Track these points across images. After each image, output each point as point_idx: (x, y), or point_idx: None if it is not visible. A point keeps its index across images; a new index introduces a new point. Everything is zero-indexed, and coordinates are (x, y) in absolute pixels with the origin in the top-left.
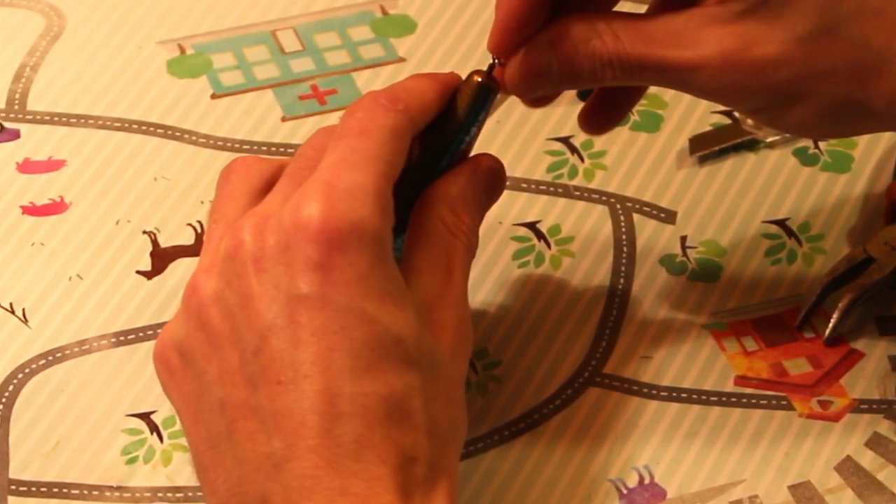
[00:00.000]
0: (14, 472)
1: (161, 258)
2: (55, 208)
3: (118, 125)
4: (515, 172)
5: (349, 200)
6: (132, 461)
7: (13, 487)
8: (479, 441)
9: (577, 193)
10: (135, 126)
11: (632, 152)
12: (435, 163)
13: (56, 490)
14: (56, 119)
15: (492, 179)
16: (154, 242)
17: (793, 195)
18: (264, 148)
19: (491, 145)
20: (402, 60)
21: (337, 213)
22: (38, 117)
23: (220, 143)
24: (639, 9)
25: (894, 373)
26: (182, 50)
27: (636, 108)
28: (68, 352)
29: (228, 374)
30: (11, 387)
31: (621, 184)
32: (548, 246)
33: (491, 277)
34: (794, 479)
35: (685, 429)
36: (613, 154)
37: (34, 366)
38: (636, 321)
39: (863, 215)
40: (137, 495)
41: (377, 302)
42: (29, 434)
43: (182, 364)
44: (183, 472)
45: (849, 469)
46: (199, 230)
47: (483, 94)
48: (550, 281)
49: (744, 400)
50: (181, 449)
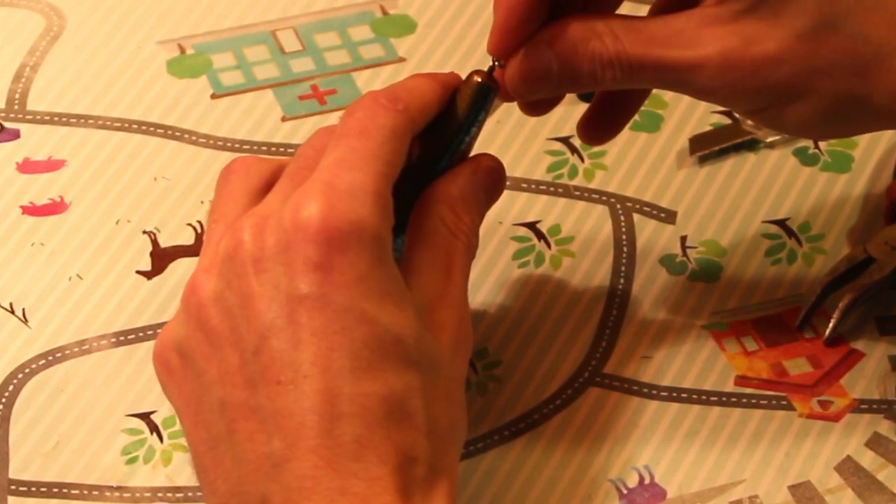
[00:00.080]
0: (14, 472)
1: (161, 258)
2: (55, 208)
3: (118, 125)
4: (515, 172)
5: (349, 200)
6: (132, 461)
7: (13, 487)
8: (479, 441)
9: (578, 193)
10: (135, 126)
11: (632, 152)
12: (435, 163)
13: (56, 490)
14: (56, 119)
15: (492, 179)
16: (154, 242)
17: (793, 195)
18: (264, 148)
19: (491, 145)
20: (402, 60)
21: (337, 213)
22: (38, 117)
23: (220, 143)
24: (639, 9)
25: (894, 373)
26: (182, 50)
27: None
28: (68, 352)
29: (228, 375)
30: (11, 387)
31: (621, 184)
32: (548, 246)
33: (491, 277)
34: (795, 480)
35: (685, 429)
36: (613, 154)
37: (34, 366)
38: (636, 321)
39: (863, 215)
40: (137, 495)
41: (377, 302)
42: (29, 434)
43: (182, 364)
44: (183, 473)
45: (849, 469)
46: (199, 230)
47: (483, 95)
48: (550, 281)
49: (744, 400)
50: (181, 449)
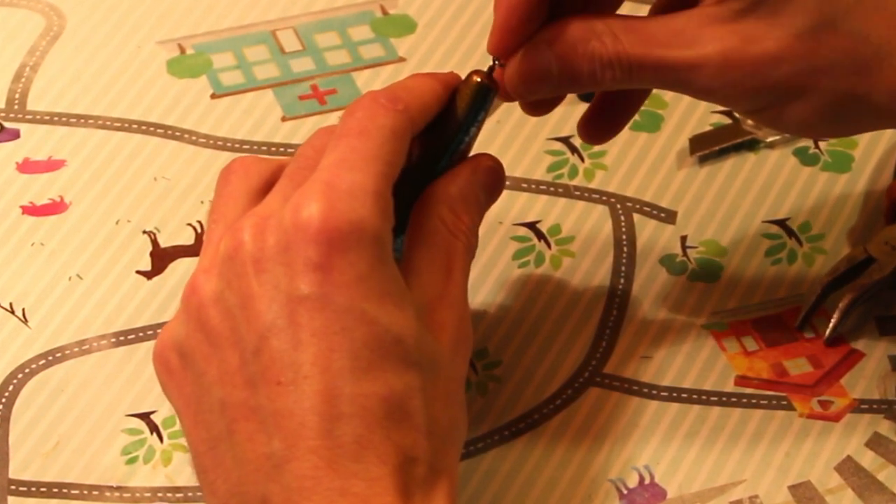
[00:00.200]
0: (14, 472)
1: (161, 258)
2: (55, 208)
3: (118, 125)
4: (515, 172)
5: (349, 200)
6: (132, 461)
7: (13, 487)
8: (480, 441)
9: (578, 193)
10: (135, 126)
11: (632, 152)
12: (434, 163)
13: (56, 490)
14: (56, 119)
15: (491, 179)
16: (154, 242)
17: (793, 195)
18: (264, 148)
19: (491, 145)
20: (402, 60)
21: (337, 214)
22: (38, 117)
23: (220, 143)
24: (639, 9)
25: (894, 373)
26: (182, 50)
27: None
28: (68, 352)
29: (228, 375)
30: (11, 387)
31: (621, 184)
32: (548, 246)
33: (491, 277)
34: (795, 480)
35: (685, 429)
36: (613, 154)
37: (34, 366)
38: (636, 321)
39: (863, 215)
40: (137, 495)
41: (377, 302)
42: (29, 434)
43: (182, 365)
44: (183, 473)
45: (849, 469)
46: (199, 230)
47: (482, 95)
48: (550, 281)
49: (744, 400)
50: (181, 449)
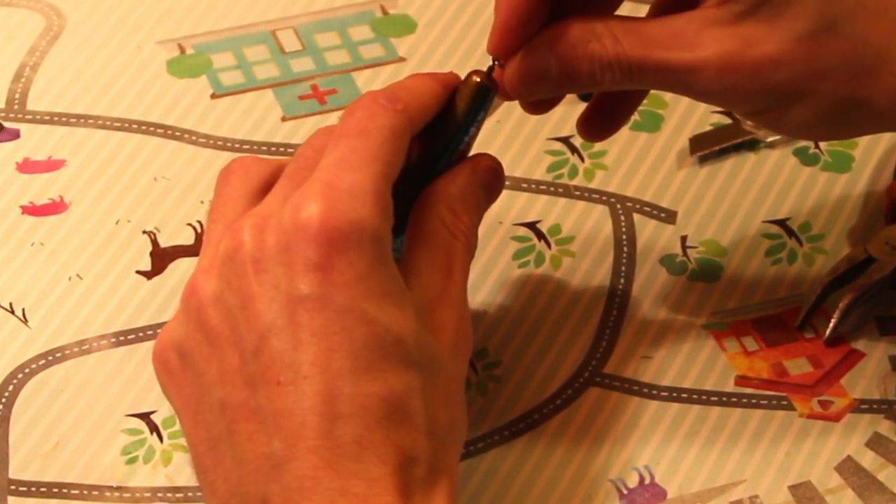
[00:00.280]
0: (14, 473)
1: (161, 258)
2: (55, 208)
3: (118, 125)
4: (516, 172)
5: (349, 200)
6: (132, 461)
7: (13, 487)
8: (480, 441)
9: (578, 193)
10: (135, 126)
11: (632, 152)
12: (434, 163)
13: (56, 490)
14: (56, 119)
15: (491, 179)
16: (154, 242)
17: (793, 195)
18: (264, 148)
19: (491, 145)
20: (402, 60)
21: (337, 214)
22: (38, 117)
23: (220, 143)
24: (639, 9)
25: (895, 373)
26: (182, 50)
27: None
28: (68, 352)
29: (228, 375)
30: (11, 387)
31: (621, 184)
32: (548, 246)
33: (491, 277)
34: (795, 480)
35: (685, 429)
36: (614, 154)
37: (34, 366)
38: (636, 321)
39: (863, 215)
40: (137, 495)
41: (377, 302)
42: (29, 434)
43: (181, 365)
44: (183, 473)
45: (849, 469)
46: (199, 230)
47: (482, 95)
48: (550, 281)
49: (744, 400)
50: (181, 449)
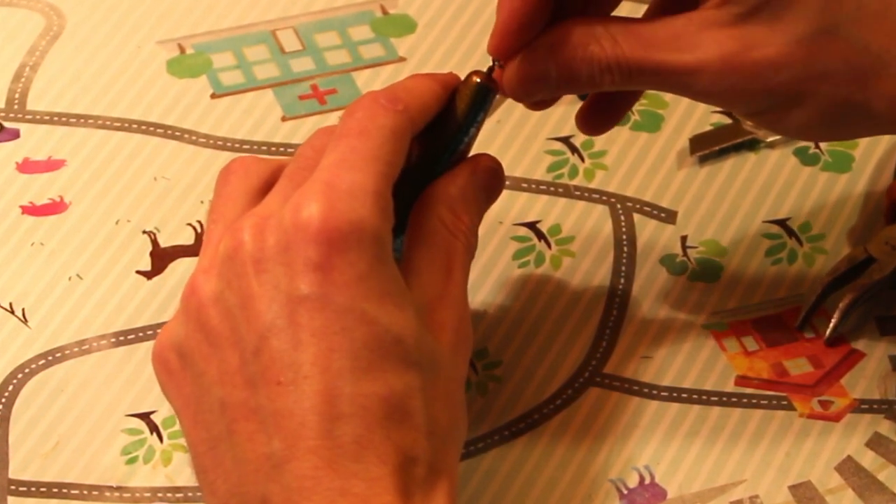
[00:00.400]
0: (14, 473)
1: (161, 258)
2: (55, 208)
3: (118, 125)
4: (516, 172)
5: (349, 200)
6: (132, 461)
7: (13, 487)
8: (480, 441)
9: (578, 193)
10: (134, 126)
11: (632, 152)
12: (434, 163)
13: (56, 490)
14: (56, 119)
15: (490, 179)
16: (154, 242)
17: (793, 195)
18: (264, 148)
19: (491, 145)
20: (402, 60)
21: (337, 214)
22: (38, 117)
23: (220, 143)
24: (639, 9)
25: (895, 373)
26: (182, 49)
27: (636, 108)
28: (68, 352)
29: (228, 375)
30: (11, 387)
31: (622, 184)
32: (548, 246)
33: (491, 277)
34: (795, 480)
35: (686, 429)
36: (614, 154)
37: (34, 366)
38: (636, 321)
39: (863, 215)
40: (137, 495)
41: (377, 302)
42: (29, 434)
43: (181, 365)
44: (183, 473)
45: (849, 469)
46: (199, 230)
47: (482, 95)
48: (551, 281)
49: (744, 400)
50: (181, 449)
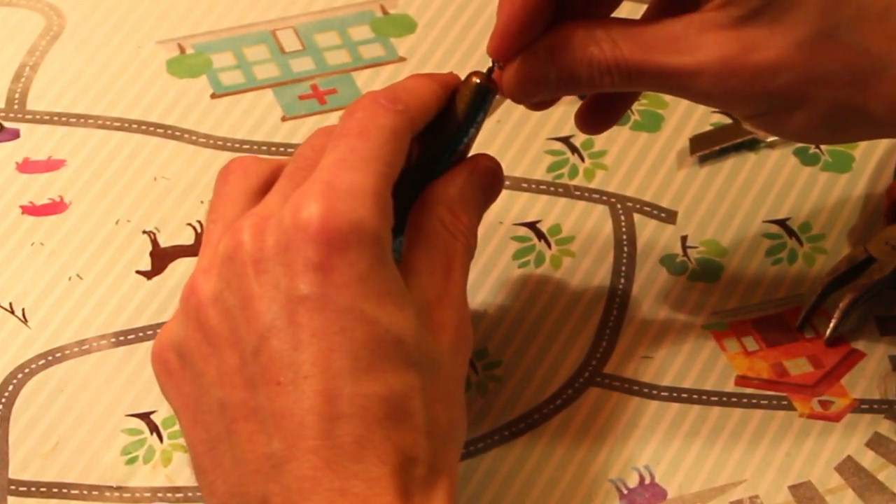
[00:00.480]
0: (14, 473)
1: (161, 258)
2: (55, 208)
3: (118, 125)
4: (516, 172)
5: (349, 201)
6: (132, 461)
7: (13, 487)
8: (480, 441)
9: (578, 193)
10: (134, 126)
11: (632, 152)
12: (433, 163)
13: (56, 490)
14: (56, 119)
15: (490, 179)
16: (154, 242)
17: (793, 195)
18: (264, 148)
19: (491, 145)
20: (402, 60)
21: (337, 214)
22: (38, 117)
23: (220, 143)
24: (639, 9)
25: (895, 373)
26: (182, 49)
27: (637, 108)
28: (68, 352)
29: (228, 375)
30: (11, 387)
31: (622, 183)
32: (548, 246)
33: (491, 277)
34: (795, 480)
35: (686, 429)
36: (614, 154)
37: (34, 366)
38: (637, 321)
39: (863, 215)
40: (137, 495)
41: (377, 302)
42: (28, 434)
43: (181, 365)
44: (183, 473)
45: (849, 469)
46: (199, 230)
47: (481, 96)
48: (551, 281)
49: (744, 400)
50: (181, 449)
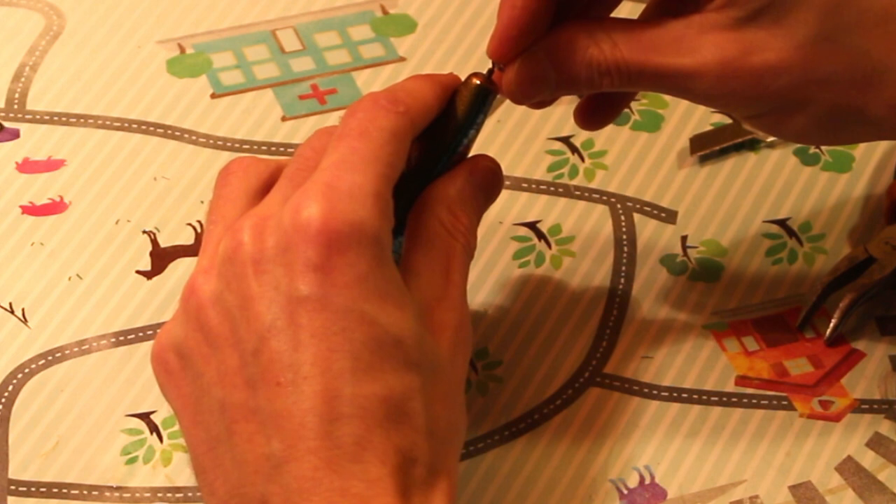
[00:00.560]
0: (13, 473)
1: (161, 258)
2: (55, 208)
3: (118, 125)
4: (516, 172)
5: (349, 201)
6: (132, 461)
7: (13, 488)
8: (480, 441)
9: (578, 193)
10: (134, 125)
11: (632, 152)
12: (433, 164)
13: (55, 490)
14: (55, 118)
15: (489, 180)
16: (154, 242)
17: (794, 195)
18: (264, 147)
19: (491, 145)
20: (402, 60)
21: (337, 214)
22: (38, 117)
23: (220, 143)
24: (640, 8)
25: (895, 373)
26: (182, 49)
27: (637, 108)
28: (68, 352)
29: (228, 376)
30: (11, 387)
31: (622, 183)
32: (548, 246)
33: (491, 277)
34: (795, 480)
35: (686, 429)
36: (614, 153)
37: (33, 366)
38: (637, 321)
39: (864, 215)
40: (137, 496)
41: (377, 303)
42: (28, 434)
43: (180, 365)
44: (183, 473)
45: (850, 469)
46: (199, 230)
47: (481, 97)
48: (551, 281)
49: (745, 400)
50: (181, 449)
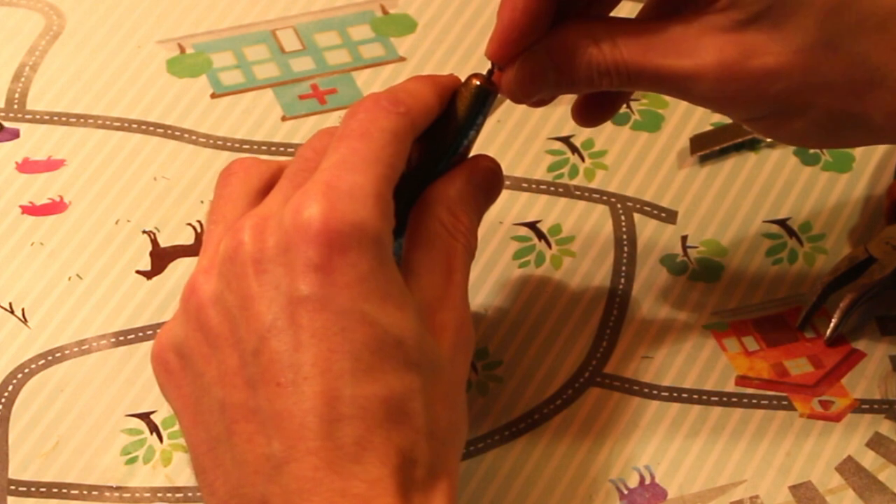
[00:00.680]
0: (13, 473)
1: (161, 258)
2: (54, 208)
3: (118, 124)
4: (516, 172)
5: (350, 202)
6: (132, 461)
7: (12, 488)
8: (480, 441)
9: (578, 193)
10: (134, 125)
11: (633, 152)
12: (434, 165)
13: (55, 490)
14: (55, 118)
15: (489, 180)
16: (154, 242)
17: (794, 195)
18: (264, 147)
19: (492, 145)
20: (403, 60)
21: (337, 215)
22: (38, 117)
23: (220, 143)
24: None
25: (895, 373)
26: (182, 49)
27: (637, 108)
28: (67, 352)
29: (228, 376)
30: (11, 387)
31: (622, 183)
32: (548, 246)
33: (492, 277)
34: (796, 480)
35: (686, 429)
36: (614, 153)
37: (33, 366)
38: (637, 321)
39: (864, 215)
40: (137, 496)
41: (378, 304)
42: (28, 434)
43: (181, 365)
44: (183, 473)
45: (850, 469)
46: (199, 230)
47: (481, 98)
48: (551, 281)
49: (745, 400)
50: (181, 449)
